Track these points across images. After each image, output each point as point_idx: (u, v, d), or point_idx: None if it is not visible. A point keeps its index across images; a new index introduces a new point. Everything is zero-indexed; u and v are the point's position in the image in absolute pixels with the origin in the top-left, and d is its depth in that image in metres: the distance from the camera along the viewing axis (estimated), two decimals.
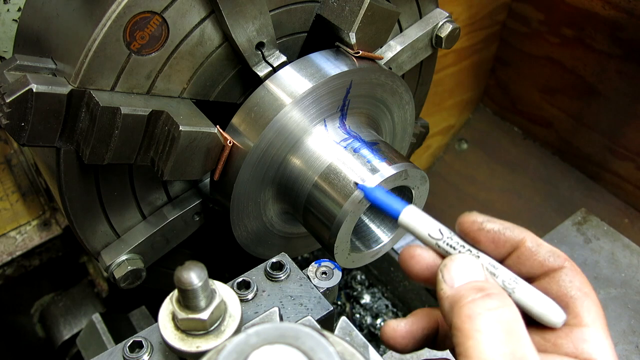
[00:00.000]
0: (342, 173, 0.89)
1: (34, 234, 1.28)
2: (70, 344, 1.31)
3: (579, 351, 0.53)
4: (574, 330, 0.54)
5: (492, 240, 0.59)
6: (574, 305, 0.55)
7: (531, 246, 0.58)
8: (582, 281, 0.56)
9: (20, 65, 0.79)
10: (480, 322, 0.51)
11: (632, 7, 1.52)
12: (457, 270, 0.56)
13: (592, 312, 0.55)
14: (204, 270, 0.57)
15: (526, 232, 0.59)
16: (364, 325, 1.43)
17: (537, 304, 0.55)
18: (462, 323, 0.52)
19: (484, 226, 0.59)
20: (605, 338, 0.54)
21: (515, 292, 0.56)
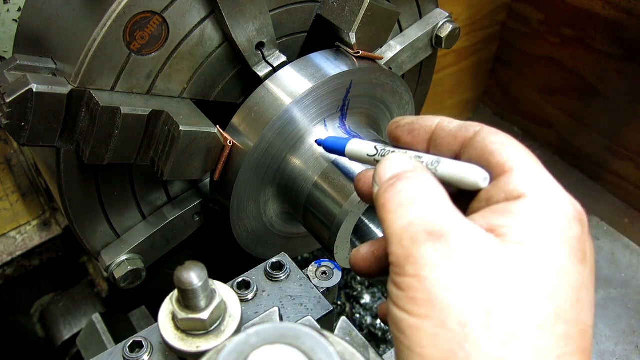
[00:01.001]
0: (342, 173, 0.89)
1: (34, 234, 1.28)
2: (70, 344, 1.31)
3: (507, 193, 0.50)
4: (500, 178, 0.52)
5: (408, 132, 0.61)
6: (494, 157, 0.53)
7: (443, 125, 0.59)
8: (498, 135, 0.55)
9: (20, 65, 0.79)
10: (392, 203, 0.51)
11: (632, 7, 1.52)
12: (384, 168, 0.56)
13: (513, 155, 0.52)
14: (204, 270, 0.57)
15: (440, 117, 0.60)
16: (364, 325, 1.43)
17: (457, 171, 0.54)
18: (381, 212, 0.52)
19: (399, 123, 0.62)
20: (533, 171, 0.51)
21: (438, 170, 0.55)
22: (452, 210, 0.50)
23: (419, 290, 0.46)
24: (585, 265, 0.48)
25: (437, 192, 0.51)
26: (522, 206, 0.49)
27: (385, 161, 0.56)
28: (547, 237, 0.48)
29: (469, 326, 0.44)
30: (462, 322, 0.44)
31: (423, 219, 0.48)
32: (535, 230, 0.48)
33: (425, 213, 0.49)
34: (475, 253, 0.46)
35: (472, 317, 0.44)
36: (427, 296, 0.45)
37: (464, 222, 0.49)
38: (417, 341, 0.45)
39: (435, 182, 0.52)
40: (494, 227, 0.49)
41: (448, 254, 0.46)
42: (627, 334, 1.30)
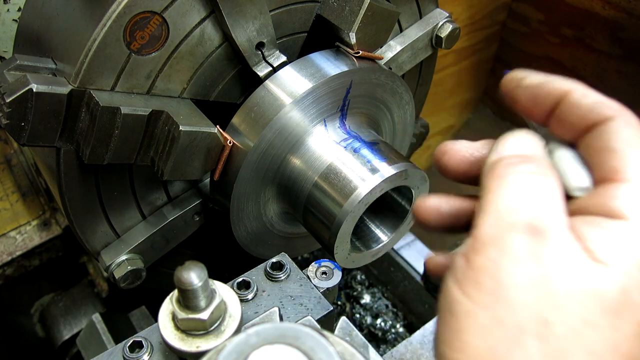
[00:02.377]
0: (342, 173, 0.89)
1: (34, 234, 1.27)
2: (70, 344, 1.31)
3: (607, 210, 0.45)
4: (607, 187, 0.46)
5: (532, 97, 0.52)
6: (613, 158, 0.46)
7: (574, 99, 0.50)
8: (632, 132, 0.47)
9: (21, 65, 0.79)
10: (508, 180, 0.46)
11: (632, 7, 1.52)
12: (511, 141, 0.50)
13: (635, 165, 0.45)
14: (204, 270, 0.57)
15: (573, 84, 0.51)
16: (364, 325, 1.43)
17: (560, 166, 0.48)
18: (490, 181, 0.47)
19: (522, 83, 0.53)
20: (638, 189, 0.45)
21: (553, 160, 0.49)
22: (560, 209, 0.45)
23: (490, 278, 0.43)
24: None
25: (553, 185, 0.46)
26: (618, 226, 0.45)
27: (512, 135, 0.51)
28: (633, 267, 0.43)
29: (527, 333, 0.41)
30: (521, 327, 0.41)
31: (530, 209, 0.44)
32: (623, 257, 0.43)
33: (534, 203, 0.45)
34: (563, 264, 0.43)
35: (531, 325, 0.41)
36: (497, 287, 0.42)
37: (566, 229, 0.45)
38: (466, 329, 0.42)
39: (556, 179, 0.47)
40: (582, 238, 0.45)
41: (539, 255, 0.43)
42: None
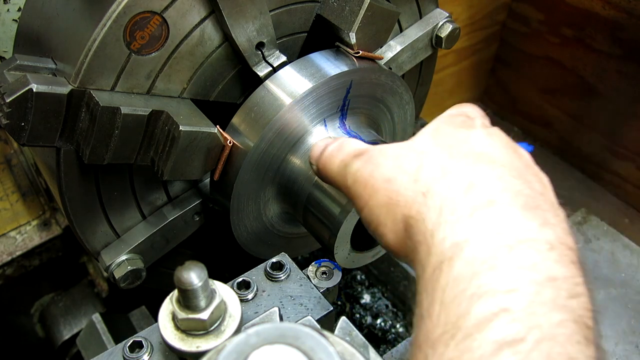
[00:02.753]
0: None
1: (34, 234, 1.27)
2: (70, 344, 1.31)
3: None
4: None
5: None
6: None
7: None
8: None
9: (20, 65, 0.79)
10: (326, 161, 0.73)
11: (632, 7, 1.52)
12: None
13: None
14: (204, 270, 0.57)
15: None
16: (364, 325, 1.43)
17: None
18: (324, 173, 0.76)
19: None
20: None
21: None
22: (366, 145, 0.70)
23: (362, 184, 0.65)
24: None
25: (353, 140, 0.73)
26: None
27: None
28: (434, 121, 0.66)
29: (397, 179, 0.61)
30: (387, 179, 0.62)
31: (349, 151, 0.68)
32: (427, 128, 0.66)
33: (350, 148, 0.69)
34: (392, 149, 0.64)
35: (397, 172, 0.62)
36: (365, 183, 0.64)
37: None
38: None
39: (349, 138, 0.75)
40: None
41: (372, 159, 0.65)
42: (627, 334, 1.30)
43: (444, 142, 0.62)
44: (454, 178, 0.56)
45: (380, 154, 0.64)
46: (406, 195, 0.58)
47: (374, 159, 0.64)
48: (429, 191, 0.56)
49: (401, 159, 0.62)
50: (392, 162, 0.62)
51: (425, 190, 0.57)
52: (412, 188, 0.58)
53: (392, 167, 0.62)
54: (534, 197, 0.55)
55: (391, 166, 0.62)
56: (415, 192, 0.58)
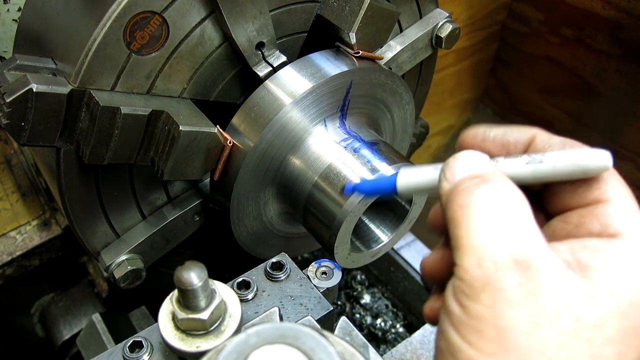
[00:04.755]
0: (342, 173, 0.89)
1: (34, 234, 1.27)
2: (70, 344, 1.31)
3: (603, 227, 0.46)
4: (598, 206, 0.47)
5: (501, 146, 0.54)
6: (595, 182, 0.49)
7: (543, 139, 0.53)
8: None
9: (20, 65, 0.79)
10: (474, 209, 0.45)
11: (632, 7, 1.52)
12: (458, 165, 0.50)
13: (615, 186, 0.48)
14: (204, 270, 0.57)
15: (533, 129, 0.54)
16: (364, 325, 1.43)
17: (573, 157, 0.48)
18: (454, 213, 0.46)
19: (488, 135, 0.54)
20: (632, 209, 0.47)
21: (544, 161, 0.49)
22: (539, 235, 0.44)
23: (490, 325, 0.42)
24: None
25: (524, 207, 0.45)
26: (618, 248, 0.45)
27: (458, 156, 0.51)
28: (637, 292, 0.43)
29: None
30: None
31: (509, 241, 0.43)
32: (627, 282, 0.43)
33: (511, 233, 0.43)
34: (561, 298, 0.42)
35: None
36: (498, 335, 0.41)
37: (552, 256, 0.44)
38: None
39: (521, 195, 0.46)
40: (583, 265, 0.45)
41: (533, 291, 0.41)
42: None
43: None
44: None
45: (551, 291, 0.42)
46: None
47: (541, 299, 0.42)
48: None
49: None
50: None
51: None
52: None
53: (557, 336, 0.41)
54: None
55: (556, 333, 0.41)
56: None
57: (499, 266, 0.42)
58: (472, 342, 0.42)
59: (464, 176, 0.49)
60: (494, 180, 0.47)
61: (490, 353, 0.41)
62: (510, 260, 0.42)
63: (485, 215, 0.45)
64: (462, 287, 0.44)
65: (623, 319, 0.42)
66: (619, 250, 0.45)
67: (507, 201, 0.45)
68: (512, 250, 0.43)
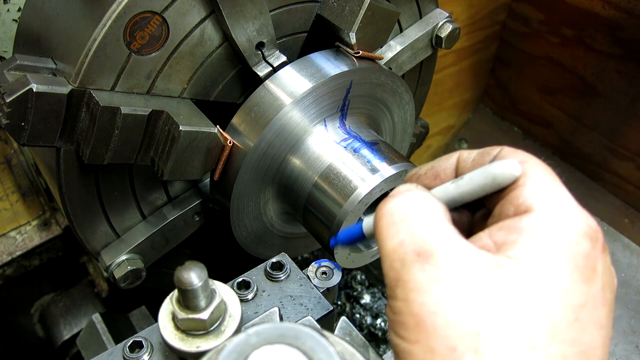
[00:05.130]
0: (342, 173, 0.89)
1: (34, 234, 1.27)
2: (70, 344, 1.31)
3: (516, 207, 0.49)
4: (512, 191, 0.50)
5: (434, 177, 0.58)
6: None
7: (464, 157, 0.56)
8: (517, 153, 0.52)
9: (21, 65, 0.79)
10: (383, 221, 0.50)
11: (632, 7, 1.52)
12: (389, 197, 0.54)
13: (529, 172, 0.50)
14: (204, 270, 0.57)
15: (455, 153, 0.58)
16: (364, 325, 1.43)
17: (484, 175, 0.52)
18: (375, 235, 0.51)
19: (419, 172, 0.59)
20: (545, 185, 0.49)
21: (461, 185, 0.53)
22: (445, 227, 0.48)
23: (408, 315, 0.45)
24: (592, 284, 0.46)
25: (431, 207, 0.50)
26: (529, 221, 0.47)
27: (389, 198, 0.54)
28: (548, 254, 0.45)
29: (458, 350, 0.42)
30: (451, 347, 0.43)
31: (413, 238, 0.47)
32: (538, 247, 0.46)
33: (415, 231, 0.47)
34: (465, 273, 0.45)
35: (461, 341, 0.43)
36: (416, 321, 0.44)
37: (456, 240, 0.47)
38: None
39: (430, 198, 0.51)
40: (500, 243, 0.47)
41: (437, 275, 0.45)
42: (627, 334, 1.30)
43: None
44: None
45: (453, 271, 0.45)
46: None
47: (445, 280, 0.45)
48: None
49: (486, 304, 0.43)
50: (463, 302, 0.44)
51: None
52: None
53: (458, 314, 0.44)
54: None
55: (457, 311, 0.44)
56: None
57: (404, 262, 0.46)
58: (401, 334, 0.45)
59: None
60: (401, 192, 0.52)
61: (414, 340, 0.44)
62: (413, 255, 0.46)
63: (392, 223, 0.49)
64: (387, 292, 0.48)
65: (536, 281, 0.44)
66: (530, 223, 0.47)
67: (410, 205, 0.50)
68: (414, 245, 0.47)
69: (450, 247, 0.46)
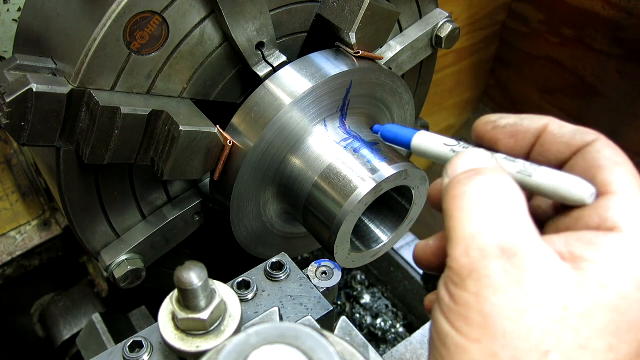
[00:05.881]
0: (342, 173, 0.89)
1: (34, 234, 1.27)
2: (70, 344, 1.31)
3: (602, 220, 0.45)
4: (600, 200, 0.46)
5: (511, 135, 0.53)
6: (602, 174, 0.47)
7: (554, 129, 0.51)
8: (613, 151, 0.48)
9: (21, 65, 0.79)
10: (466, 200, 0.46)
11: (632, 7, 1.52)
12: (460, 161, 0.50)
13: (623, 179, 0.46)
14: (204, 270, 0.57)
15: (548, 118, 0.52)
16: (364, 325, 1.43)
17: (559, 182, 0.47)
18: (447, 205, 0.47)
19: (499, 123, 0.54)
20: (635, 203, 0.45)
21: (533, 177, 0.49)
22: (530, 226, 0.45)
23: (475, 311, 0.42)
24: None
25: (517, 199, 0.46)
26: (614, 241, 0.44)
27: (462, 154, 0.51)
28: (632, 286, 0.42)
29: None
30: (515, 358, 0.40)
31: (497, 230, 0.43)
32: (622, 276, 0.42)
33: (500, 223, 0.44)
34: (547, 285, 0.42)
35: (527, 355, 0.40)
36: (484, 320, 0.42)
37: (541, 245, 0.44)
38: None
39: (515, 187, 0.47)
40: (576, 257, 0.44)
41: (518, 279, 0.42)
42: None
43: None
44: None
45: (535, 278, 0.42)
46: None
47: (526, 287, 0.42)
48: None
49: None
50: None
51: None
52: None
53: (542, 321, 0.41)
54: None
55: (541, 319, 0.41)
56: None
57: (485, 254, 0.43)
58: (459, 328, 0.43)
59: (462, 170, 0.49)
60: (488, 172, 0.48)
61: (475, 339, 0.42)
62: (496, 248, 0.43)
63: (475, 206, 0.45)
64: (451, 275, 0.45)
65: (614, 312, 0.42)
66: (615, 244, 0.44)
67: (498, 192, 0.46)
68: (499, 238, 0.43)
69: (535, 251, 0.43)
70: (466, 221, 0.45)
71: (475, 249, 0.43)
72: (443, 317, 0.44)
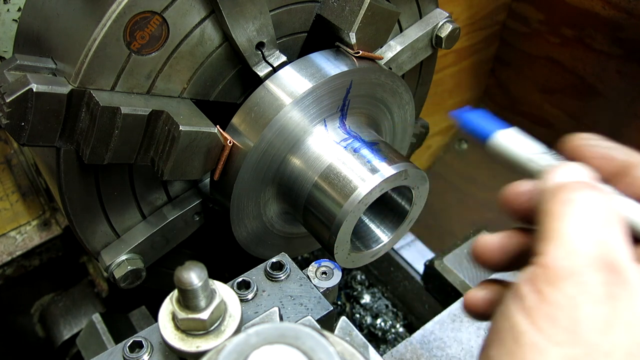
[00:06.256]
0: (342, 173, 0.89)
1: (34, 234, 1.27)
2: (70, 344, 1.31)
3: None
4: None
5: (601, 156, 0.53)
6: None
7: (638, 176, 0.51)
8: None
9: (21, 65, 0.79)
10: (575, 207, 0.46)
11: (632, 7, 1.52)
12: (569, 169, 0.50)
13: None
14: (204, 270, 0.57)
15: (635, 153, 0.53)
16: (364, 325, 1.43)
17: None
18: (554, 205, 0.47)
19: (590, 142, 0.55)
20: None
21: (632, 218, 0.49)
22: (630, 248, 0.46)
23: (565, 314, 0.42)
24: None
25: (622, 222, 0.47)
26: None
27: (570, 164, 0.52)
28: None
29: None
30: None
31: (602, 244, 0.44)
32: None
33: (607, 237, 0.44)
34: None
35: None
36: (572, 326, 0.42)
37: (638, 268, 0.45)
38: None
39: (621, 213, 0.48)
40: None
41: (615, 294, 0.42)
42: None
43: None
44: None
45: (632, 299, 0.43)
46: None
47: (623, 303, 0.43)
48: None
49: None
50: None
51: None
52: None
53: None
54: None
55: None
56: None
57: (587, 262, 0.43)
58: (542, 328, 0.42)
59: (572, 179, 0.50)
60: (602, 189, 0.48)
61: (558, 341, 0.42)
62: (598, 259, 0.43)
63: (585, 214, 0.46)
64: (543, 274, 0.44)
65: None
66: None
67: (607, 209, 0.46)
68: (602, 251, 0.44)
69: (634, 272, 0.44)
70: (571, 225, 0.45)
71: (580, 254, 0.44)
72: (523, 314, 0.44)
